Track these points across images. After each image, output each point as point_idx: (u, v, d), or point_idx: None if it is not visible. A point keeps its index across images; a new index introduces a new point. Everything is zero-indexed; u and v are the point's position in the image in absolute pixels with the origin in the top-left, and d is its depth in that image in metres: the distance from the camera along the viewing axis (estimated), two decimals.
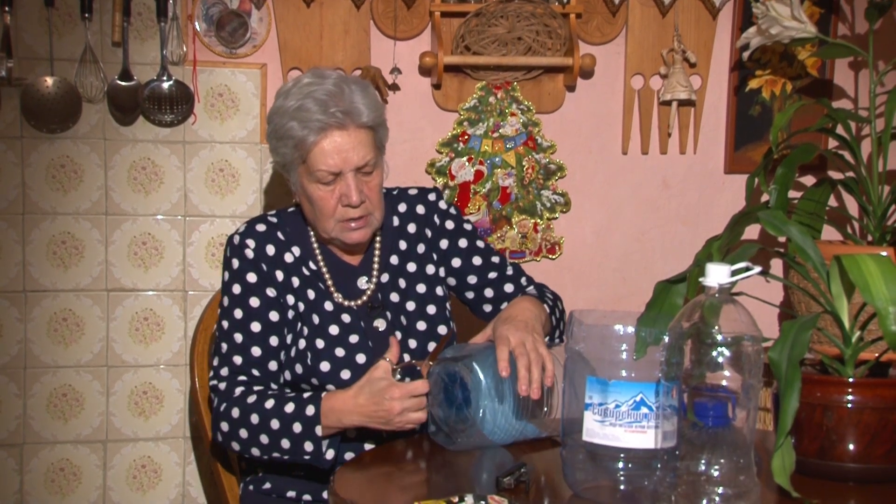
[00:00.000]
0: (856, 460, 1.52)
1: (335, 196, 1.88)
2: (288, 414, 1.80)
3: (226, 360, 1.89)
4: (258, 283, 1.92)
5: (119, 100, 2.39)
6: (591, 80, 2.62)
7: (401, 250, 2.02)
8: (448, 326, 2.00)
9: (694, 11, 2.62)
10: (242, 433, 1.83)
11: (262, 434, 1.81)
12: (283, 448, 1.80)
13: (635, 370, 1.43)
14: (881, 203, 2.36)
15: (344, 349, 1.91)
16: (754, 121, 2.68)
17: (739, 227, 2.35)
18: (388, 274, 2.00)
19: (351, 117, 1.86)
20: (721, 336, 1.34)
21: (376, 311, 1.96)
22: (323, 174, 1.87)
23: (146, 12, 2.40)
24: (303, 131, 1.85)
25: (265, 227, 1.96)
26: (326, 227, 1.92)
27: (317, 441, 1.78)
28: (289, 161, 1.91)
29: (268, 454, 1.82)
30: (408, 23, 2.52)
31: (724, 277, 1.38)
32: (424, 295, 2.00)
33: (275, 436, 1.80)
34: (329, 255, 1.99)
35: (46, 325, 2.43)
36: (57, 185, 2.41)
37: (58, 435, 2.45)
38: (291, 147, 1.88)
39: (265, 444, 1.81)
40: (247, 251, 1.92)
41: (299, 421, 1.79)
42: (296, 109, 1.86)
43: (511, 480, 1.48)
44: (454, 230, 2.06)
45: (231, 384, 1.87)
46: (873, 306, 1.45)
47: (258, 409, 1.82)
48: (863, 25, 2.60)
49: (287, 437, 1.79)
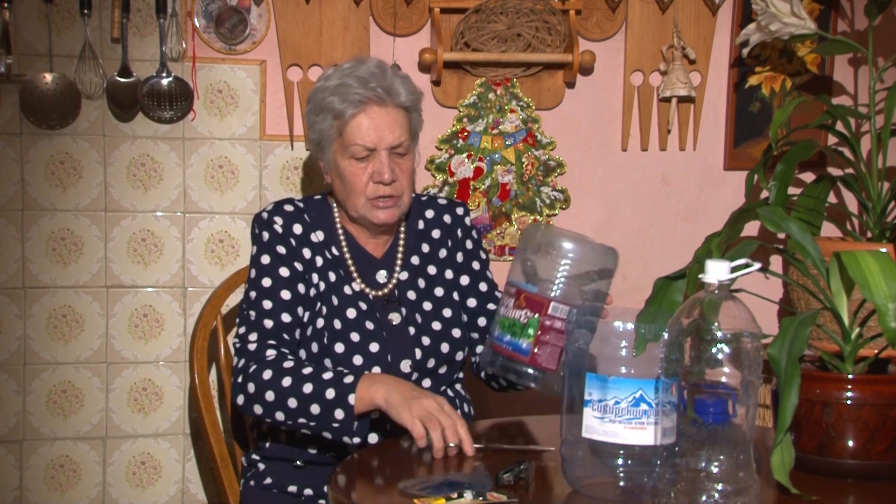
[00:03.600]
0: (855, 457, 1.52)
1: (367, 173, 1.94)
2: (324, 380, 1.78)
3: (255, 326, 1.90)
4: (287, 255, 1.96)
5: (118, 96, 2.39)
6: (590, 76, 2.62)
7: (423, 252, 2.06)
8: (462, 331, 2.03)
9: (693, 8, 2.62)
10: (269, 395, 1.81)
11: (292, 397, 1.79)
12: (312, 413, 1.77)
13: (635, 367, 1.43)
14: (881, 199, 2.36)
15: (359, 334, 1.93)
16: (754, 117, 2.68)
17: (739, 223, 2.35)
18: (407, 273, 2.03)
19: (390, 95, 1.93)
20: (720, 332, 1.35)
21: (392, 304, 1.99)
22: (358, 149, 1.92)
23: (145, 8, 2.40)
24: (342, 104, 1.92)
25: (292, 207, 2.02)
26: (356, 205, 1.96)
27: (349, 410, 1.75)
28: (325, 136, 1.97)
29: (293, 419, 1.80)
30: (407, 19, 2.51)
31: (723, 274, 1.38)
32: (442, 298, 2.04)
33: (306, 400, 1.78)
34: (353, 242, 2.03)
35: (46, 322, 2.43)
36: (56, 182, 2.41)
37: (57, 431, 2.45)
38: (329, 120, 1.94)
39: (293, 407, 1.79)
40: (275, 226, 1.97)
41: (334, 387, 1.76)
42: (337, 86, 1.94)
43: (511, 477, 1.48)
44: (472, 250, 2.12)
45: (262, 346, 1.87)
46: (872, 303, 1.45)
47: (293, 373, 1.81)
48: (862, 22, 2.60)
49: (318, 402, 1.77)
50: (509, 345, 1.69)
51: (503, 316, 1.72)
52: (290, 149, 2.51)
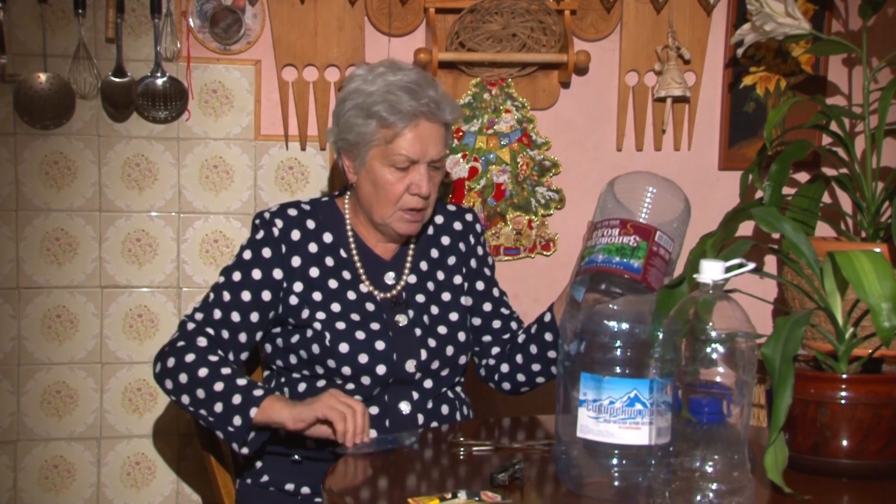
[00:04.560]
0: (849, 456, 1.52)
1: (404, 183, 1.95)
2: (237, 385, 1.82)
3: (205, 309, 1.94)
4: (270, 259, 1.96)
5: (113, 96, 2.39)
6: (585, 76, 2.62)
7: (432, 258, 2.08)
8: (468, 335, 2.05)
9: (688, 8, 2.62)
10: (182, 377, 1.85)
11: (201, 388, 1.83)
12: (214, 410, 1.82)
13: (629, 367, 1.43)
14: (875, 199, 2.36)
15: (365, 333, 1.94)
16: (748, 117, 2.69)
17: (733, 223, 2.35)
18: (416, 276, 2.05)
19: (439, 110, 1.95)
20: (715, 332, 1.35)
21: (400, 306, 2.00)
22: (402, 159, 1.93)
23: (140, 8, 2.39)
24: (393, 116, 1.92)
25: (296, 212, 2.02)
26: (384, 213, 1.97)
27: (247, 420, 1.79)
28: (367, 140, 1.95)
29: (195, 408, 1.84)
30: (402, 19, 2.51)
31: (717, 274, 1.38)
32: (449, 302, 2.05)
33: (212, 396, 1.82)
34: (362, 245, 2.04)
35: (40, 322, 2.42)
36: (50, 182, 2.40)
37: (52, 432, 2.44)
38: (374, 126, 1.93)
39: (199, 398, 1.83)
40: (273, 229, 1.98)
41: (241, 394, 1.81)
42: (385, 93, 1.93)
43: (505, 477, 1.48)
44: (482, 256, 2.14)
45: (198, 331, 1.91)
46: (866, 303, 1.46)
47: (212, 367, 1.84)
48: (856, 22, 2.60)
49: (222, 402, 1.81)
50: (620, 265, 1.65)
51: (607, 244, 1.69)
52: (285, 149, 2.50)
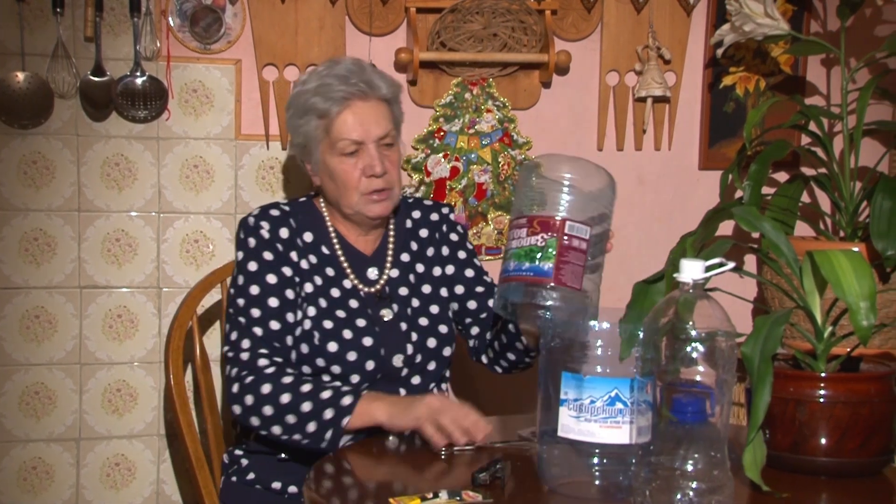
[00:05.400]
0: (827, 454, 1.53)
1: (358, 168, 1.96)
2: (323, 399, 1.80)
3: (246, 333, 1.90)
4: (274, 261, 1.96)
5: (92, 95, 2.37)
6: (566, 76, 2.63)
7: (412, 250, 2.09)
8: (449, 327, 2.06)
9: (668, 8, 2.63)
10: (267, 410, 1.82)
11: (290, 414, 1.81)
12: (307, 431, 1.80)
13: (610, 366, 1.44)
14: (853, 199, 2.38)
15: (352, 331, 1.95)
16: (728, 117, 2.70)
17: (713, 223, 2.36)
18: (398, 270, 2.05)
19: (372, 88, 1.97)
20: (695, 332, 1.35)
21: (384, 301, 2.01)
22: (346, 143, 1.95)
23: (119, 7, 2.38)
24: (326, 103, 1.95)
25: (278, 212, 2.03)
26: (350, 202, 1.98)
27: (338, 431, 1.77)
28: (312, 138, 1.99)
29: (289, 435, 1.82)
30: (383, 18, 2.51)
31: (698, 273, 1.39)
32: (430, 295, 2.06)
33: (303, 417, 1.80)
34: (343, 241, 2.04)
35: (18, 323, 2.40)
36: (29, 182, 2.39)
37: (30, 433, 2.43)
38: (315, 121, 1.97)
39: (290, 423, 1.81)
40: (262, 231, 1.98)
41: (332, 407, 1.78)
42: (317, 86, 1.97)
43: (486, 476, 1.48)
44: (457, 242, 2.14)
45: (254, 356, 1.88)
46: (845, 302, 1.47)
47: (292, 389, 1.82)
48: (835, 23, 2.62)
49: (315, 421, 1.79)
50: (529, 271, 1.58)
51: (516, 248, 1.61)
52: (266, 148, 2.50)
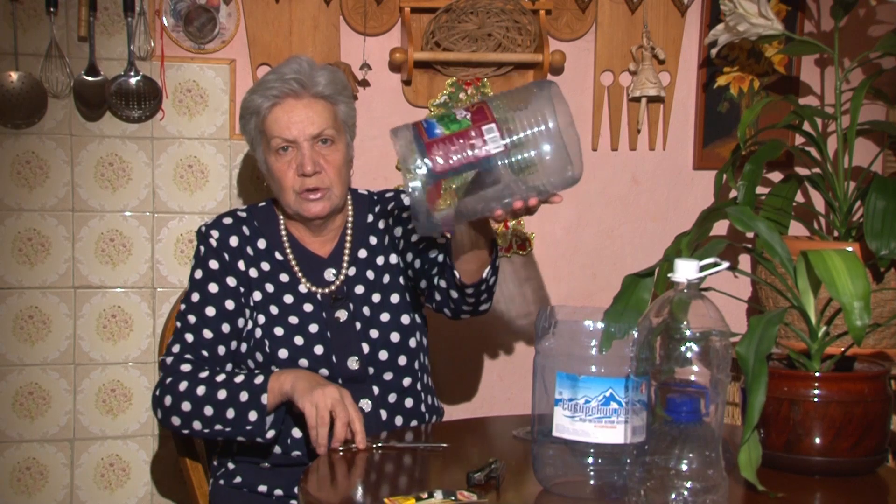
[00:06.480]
0: (822, 454, 1.54)
1: (292, 167, 1.95)
2: (236, 384, 1.82)
3: (178, 339, 1.93)
4: (219, 270, 1.96)
5: (85, 95, 2.37)
6: (560, 76, 2.63)
7: (370, 245, 2.06)
8: (411, 315, 2.02)
9: (663, 8, 2.63)
10: (185, 406, 1.83)
11: (208, 405, 1.82)
12: (227, 419, 1.81)
13: (605, 366, 1.44)
14: (847, 199, 2.38)
15: (303, 338, 1.94)
16: (722, 117, 2.70)
17: (708, 223, 2.36)
18: (355, 267, 2.03)
19: (305, 87, 1.94)
20: (689, 331, 1.35)
21: (340, 302, 1.99)
22: (277, 141, 1.94)
23: (113, 7, 2.38)
24: (259, 100, 1.95)
25: (231, 220, 2.02)
26: (288, 200, 1.98)
27: (262, 409, 1.78)
28: (253, 137, 2.00)
29: (210, 427, 1.83)
30: (378, 18, 2.51)
31: (692, 273, 1.39)
32: (389, 285, 2.03)
33: (220, 406, 1.81)
34: (297, 245, 2.03)
35: (12, 323, 2.40)
36: (22, 182, 2.38)
37: (24, 434, 2.42)
38: (251, 119, 1.98)
39: (209, 415, 1.82)
40: (211, 240, 1.98)
41: (246, 390, 1.80)
42: (257, 85, 1.98)
43: (481, 476, 1.48)
44: (407, 219, 2.07)
45: (178, 360, 1.90)
46: (839, 301, 1.47)
47: (207, 381, 1.84)
48: (829, 23, 2.62)
49: (233, 407, 1.80)
50: (428, 127, 1.59)
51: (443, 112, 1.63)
52: None
